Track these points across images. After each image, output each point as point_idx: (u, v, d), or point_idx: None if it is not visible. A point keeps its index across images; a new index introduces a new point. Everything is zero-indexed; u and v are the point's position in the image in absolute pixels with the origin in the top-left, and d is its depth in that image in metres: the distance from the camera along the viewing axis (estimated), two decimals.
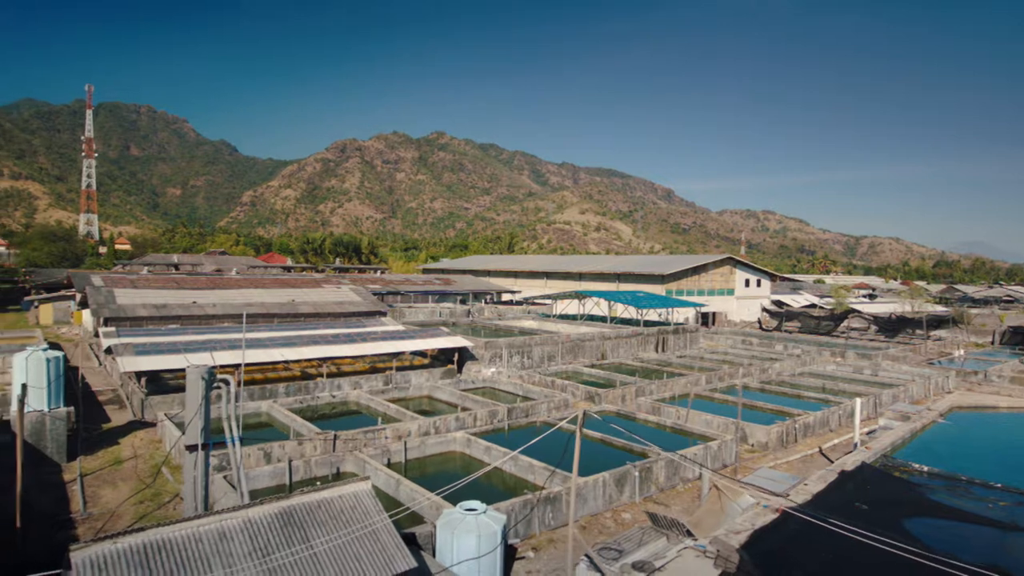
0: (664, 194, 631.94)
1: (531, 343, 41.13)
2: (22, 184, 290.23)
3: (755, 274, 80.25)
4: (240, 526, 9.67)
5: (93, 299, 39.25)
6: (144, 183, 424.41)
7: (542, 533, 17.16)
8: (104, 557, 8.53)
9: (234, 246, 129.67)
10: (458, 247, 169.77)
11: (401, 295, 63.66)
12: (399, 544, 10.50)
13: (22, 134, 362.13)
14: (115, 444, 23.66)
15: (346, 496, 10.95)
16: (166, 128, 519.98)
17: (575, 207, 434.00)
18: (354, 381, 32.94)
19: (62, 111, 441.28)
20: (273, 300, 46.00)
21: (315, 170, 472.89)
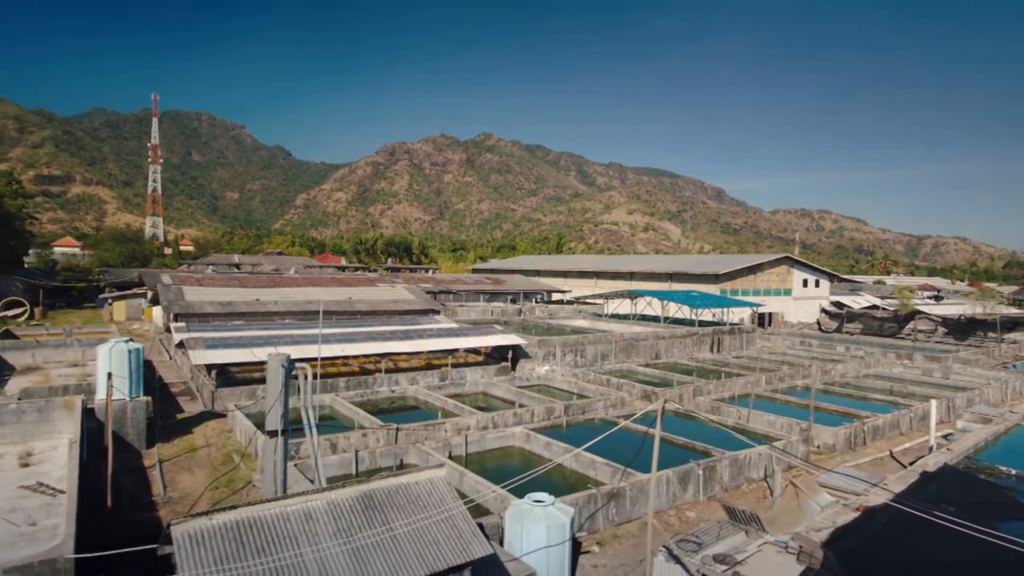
0: (714, 193, 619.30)
1: (584, 342, 40.93)
2: (93, 189, 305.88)
3: (813, 274, 77.79)
4: (324, 507, 9.96)
5: (164, 296, 41.06)
6: (204, 187, 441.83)
7: (606, 529, 17.08)
8: (201, 532, 8.92)
9: (290, 247, 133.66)
10: (506, 248, 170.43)
11: (453, 294, 64.31)
12: (475, 530, 10.61)
13: (93, 142, 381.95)
14: (189, 433, 24.69)
15: (422, 482, 11.14)
16: (225, 134, 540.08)
17: (622, 207, 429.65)
18: (411, 377, 33.44)
19: (129, 119, 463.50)
20: (331, 298, 47.14)
21: (365, 173, 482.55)
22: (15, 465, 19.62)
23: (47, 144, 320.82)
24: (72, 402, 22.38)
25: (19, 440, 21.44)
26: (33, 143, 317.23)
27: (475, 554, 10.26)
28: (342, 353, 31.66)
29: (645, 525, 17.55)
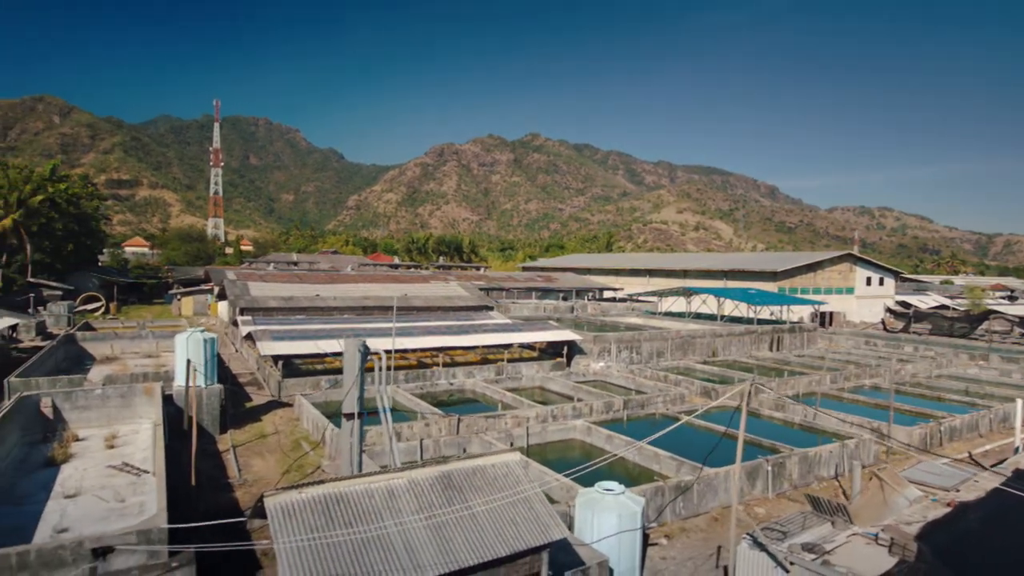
0: (767, 191, 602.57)
1: (640, 338, 40.46)
2: (158, 193, 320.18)
3: (877, 272, 74.75)
4: (406, 486, 10.16)
5: (231, 291, 42.61)
6: (262, 190, 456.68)
7: (674, 522, 16.85)
8: (292, 504, 9.23)
9: (344, 246, 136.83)
10: (554, 247, 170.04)
11: (505, 291, 64.60)
12: (552, 513, 10.64)
13: (158, 148, 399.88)
14: (258, 421, 25.58)
15: (498, 465, 11.23)
16: (280, 138, 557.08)
17: (672, 206, 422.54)
18: (467, 371, 33.78)
19: (191, 125, 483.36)
20: (387, 294, 48.00)
21: (415, 174, 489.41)
22: (101, 447, 20.72)
23: (117, 150, 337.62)
24: (152, 388, 23.48)
25: (104, 424, 22.63)
26: (104, 149, 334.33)
27: (553, 536, 10.28)
28: (402, 346, 32.19)
29: (714, 520, 17.30)
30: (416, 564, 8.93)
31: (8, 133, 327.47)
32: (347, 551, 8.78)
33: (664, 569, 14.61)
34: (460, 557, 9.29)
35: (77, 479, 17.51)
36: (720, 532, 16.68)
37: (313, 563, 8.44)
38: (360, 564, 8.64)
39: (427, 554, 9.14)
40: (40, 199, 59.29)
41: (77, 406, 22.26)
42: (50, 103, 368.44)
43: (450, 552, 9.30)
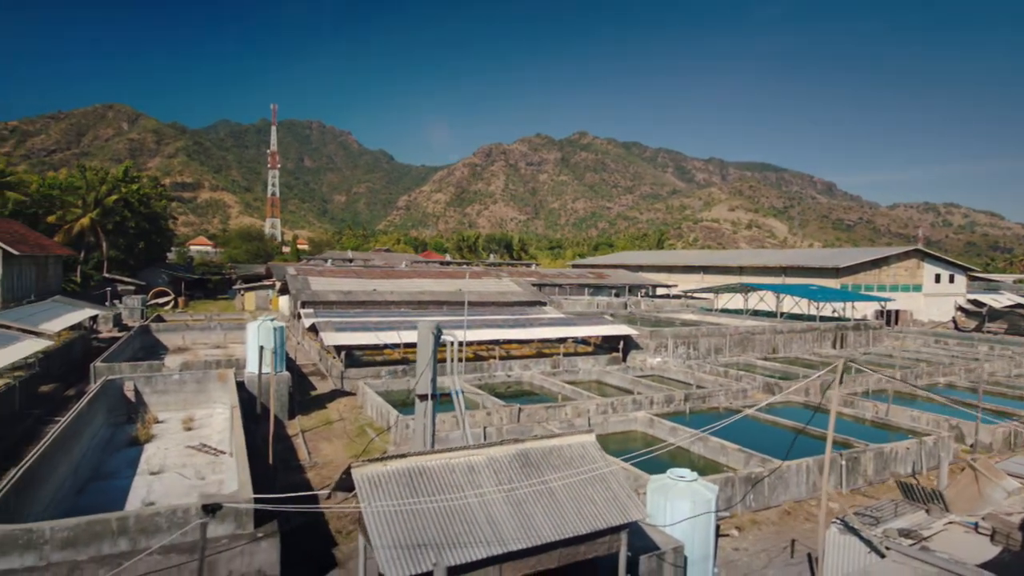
0: (824, 188, 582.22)
1: (697, 334, 39.73)
2: (219, 195, 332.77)
3: (948, 269, 71.26)
4: (485, 462, 10.26)
5: (292, 285, 43.92)
6: (315, 191, 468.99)
7: (744, 514, 16.50)
8: (378, 476, 9.44)
9: (396, 245, 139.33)
10: (604, 245, 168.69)
11: (558, 287, 64.47)
12: (631, 494, 10.56)
13: (219, 151, 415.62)
14: (323, 408, 26.28)
15: (574, 445, 11.22)
16: (333, 141, 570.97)
17: (723, 204, 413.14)
18: (523, 364, 33.86)
19: (249, 129, 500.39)
20: (441, 289, 48.62)
21: (463, 175, 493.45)
22: (180, 429, 21.67)
23: (180, 154, 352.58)
24: (225, 375, 24.41)
25: (181, 407, 23.66)
26: (168, 153, 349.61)
27: (632, 516, 10.21)
28: (462, 338, 32.50)
29: (786, 513, 16.86)
30: (499, 537, 9.01)
31: (82, 139, 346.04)
32: (432, 521, 8.93)
33: (737, 560, 14.33)
34: (541, 533, 9.32)
35: (160, 458, 18.38)
36: (793, 525, 16.25)
37: (401, 531, 8.62)
38: (445, 534, 8.78)
39: (509, 528, 9.21)
40: (115, 199, 62.53)
41: (156, 390, 23.35)
42: (119, 111, 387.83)
43: (531, 527, 9.35)
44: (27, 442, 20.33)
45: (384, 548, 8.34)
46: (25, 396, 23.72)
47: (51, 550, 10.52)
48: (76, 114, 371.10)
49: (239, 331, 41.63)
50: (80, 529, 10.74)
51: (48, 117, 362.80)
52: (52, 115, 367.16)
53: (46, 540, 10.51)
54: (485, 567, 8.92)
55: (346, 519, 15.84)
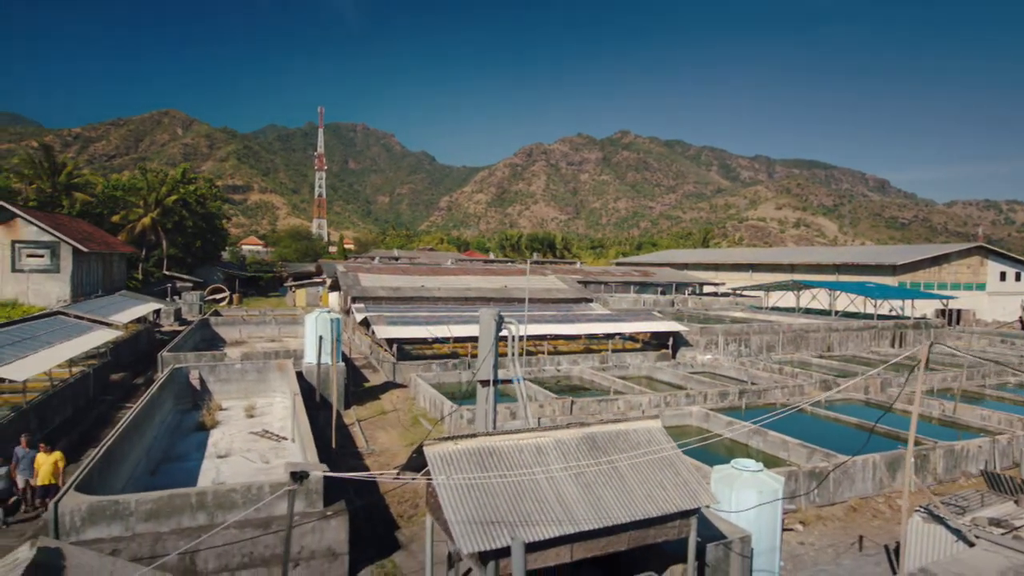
0: (877, 185, 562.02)
1: (749, 331, 38.92)
2: (267, 197, 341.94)
3: (1013, 266, 67.89)
4: (553, 444, 10.28)
5: (343, 281, 44.81)
6: (359, 193, 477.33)
7: (807, 509, 16.09)
8: (449, 454, 9.57)
9: (439, 244, 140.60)
10: (647, 244, 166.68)
11: (604, 284, 64.02)
12: (700, 480, 10.43)
13: (267, 154, 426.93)
14: (377, 399, 26.74)
15: (640, 430, 11.15)
16: (377, 143, 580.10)
17: (770, 202, 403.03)
18: (571, 359, 33.74)
19: (296, 133, 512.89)
20: (488, 285, 48.86)
21: (504, 175, 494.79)
22: (242, 416, 22.35)
23: (231, 158, 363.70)
24: (284, 365, 25.08)
25: (242, 396, 24.41)
26: (220, 157, 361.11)
27: (702, 501, 10.09)
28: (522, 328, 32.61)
29: (852, 509, 16.37)
30: (570, 517, 9.01)
31: (140, 144, 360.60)
32: (504, 499, 9.00)
33: (803, 554, 13.99)
34: (612, 514, 9.29)
35: (226, 442, 19.00)
36: (860, 522, 15.78)
37: (474, 507, 8.71)
38: (517, 512, 8.83)
39: (580, 509, 9.21)
40: (174, 199, 65.03)
41: (220, 379, 24.16)
42: (174, 116, 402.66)
43: (602, 509, 9.32)
44: (101, 426, 21.32)
45: (458, 523, 8.44)
46: (98, 383, 24.85)
47: (136, 521, 11.01)
48: (135, 120, 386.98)
49: (292, 326, 42.75)
50: (162, 502, 11.21)
51: (109, 124, 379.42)
52: (112, 122, 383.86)
53: (131, 512, 11.01)
54: (557, 546, 8.94)
55: (406, 504, 16.09)
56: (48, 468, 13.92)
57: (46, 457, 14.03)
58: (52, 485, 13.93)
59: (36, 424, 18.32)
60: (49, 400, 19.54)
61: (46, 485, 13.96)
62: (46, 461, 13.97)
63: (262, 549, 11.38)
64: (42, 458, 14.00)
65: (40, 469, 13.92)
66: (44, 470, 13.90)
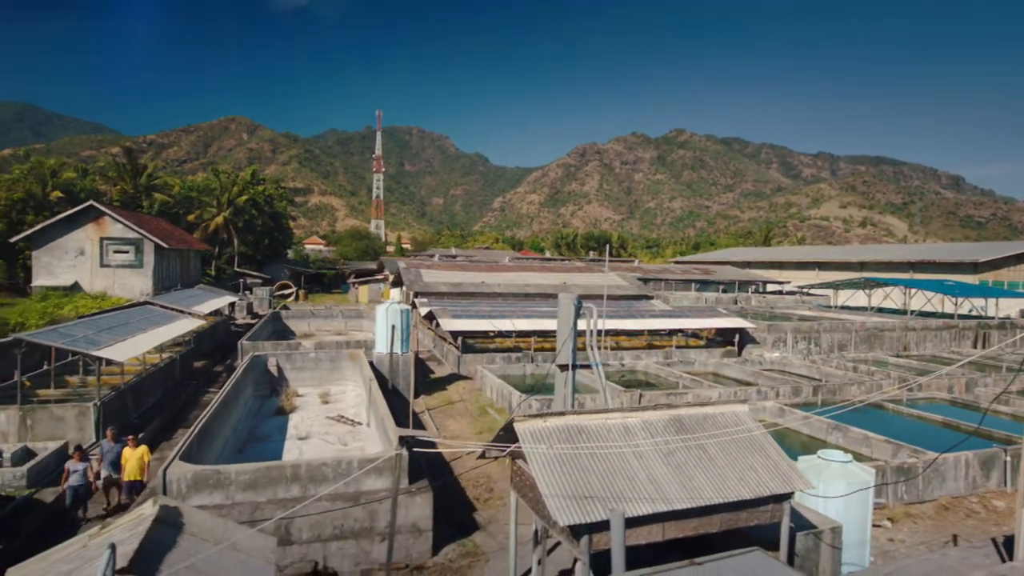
0: (950, 182, 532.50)
1: (819, 328, 37.63)
2: (327, 199, 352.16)
3: None
4: (640, 424, 10.25)
5: (405, 277, 45.73)
6: (414, 194, 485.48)
7: (895, 507, 15.47)
8: (538, 430, 9.67)
9: (494, 244, 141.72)
10: (705, 244, 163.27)
11: (664, 282, 63.11)
12: (792, 464, 10.20)
13: (327, 158, 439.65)
14: (443, 390, 27.18)
15: (727, 414, 10.98)
16: (431, 145, 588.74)
17: (834, 200, 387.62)
18: (633, 355, 33.44)
19: (355, 137, 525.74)
20: (547, 281, 48.93)
21: (557, 175, 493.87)
22: (317, 402, 23.11)
23: (293, 162, 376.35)
24: (356, 354, 25.79)
25: (316, 383, 25.23)
26: (283, 161, 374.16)
27: (796, 486, 9.85)
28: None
29: (942, 508, 15.66)
30: (662, 496, 8.96)
31: (208, 150, 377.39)
32: (595, 475, 9.03)
33: (893, 551, 13.47)
34: (704, 495, 9.18)
35: (305, 426, 19.71)
36: (952, 521, 15.06)
37: (566, 482, 8.78)
38: (609, 489, 8.84)
39: (671, 488, 9.15)
40: (244, 199, 67.86)
41: (296, 366, 25.06)
42: (240, 122, 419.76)
43: (693, 489, 9.23)
44: (189, 408, 22.46)
45: (552, 496, 8.53)
46: (183, 368, 26.17)
47: (235, 491, 11.57)
48: (203, 127, 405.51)
49: (357, 320, 43.89)
50: (259, 473, 11.75)
51: (180, 130, 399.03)
52: (183, 128, 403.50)
53: (231, 481, 11.58)
54: (649, 524, 8.91)
55: (481, 488, 16.32)
56: (135, 463, 13.27)
57: (132, 451, 13.35)
58: (138, 481, 13.38)
59: (132, 403, 19.47)
60: (143, 382, 20.72)
61: (132, 481, 13.31)
62: (132, 456, 13.30)
63: (352, 522, 11.77)
64: (128, 452, 13.33)
65: (127, 464, 13.25)
66: (131, 465, 13.24)
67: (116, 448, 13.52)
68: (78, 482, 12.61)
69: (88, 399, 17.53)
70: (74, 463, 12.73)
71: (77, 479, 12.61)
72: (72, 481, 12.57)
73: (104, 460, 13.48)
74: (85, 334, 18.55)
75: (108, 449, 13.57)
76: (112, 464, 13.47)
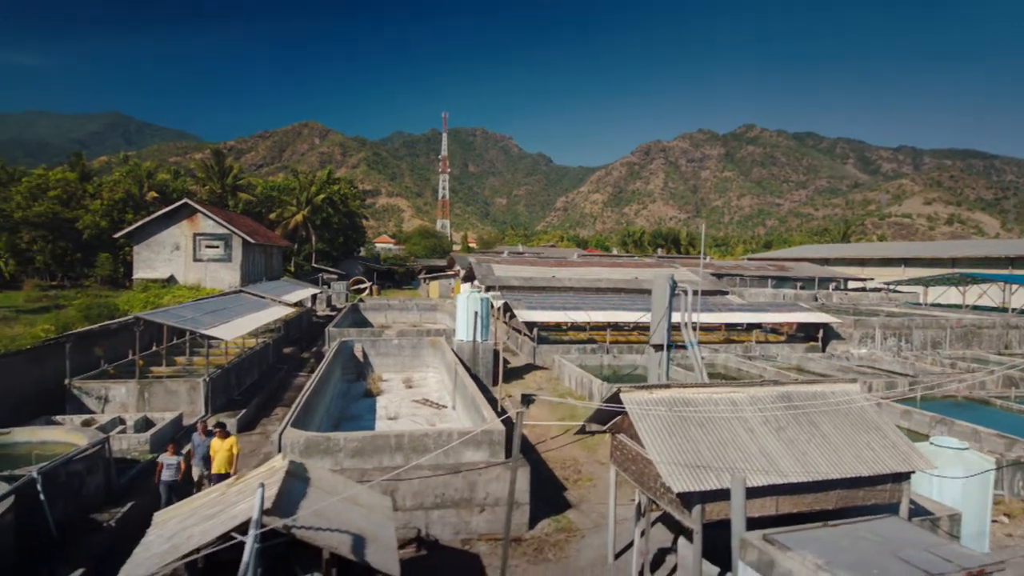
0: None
1: (910, 325, 35.74)
2: (393, 200, 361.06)
3: None
4: (747, 399, 10.09)
5: (478, 271, 46.33)
6: (478, 195, 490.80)
7: (1011, 501, 14.57)
8: (644, 400, 9.67)
9: (559, 241, 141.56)
10: (778, 242, 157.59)
11: (739, 277, 61.40)
12: (910, 444, 9.79)
13: (394, 160, 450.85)
14: (520, 379, 27.39)
15: (838, 392, 10.66)
16: (495, 146, 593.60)
17: (917, 197, 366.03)
18: (711, 349, 32.70)
19: (420, 139, 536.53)
20: (618, 276, 48.52)
21: (620, 174, 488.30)
22: (401, 386, 23.76)
23: (362, 164, 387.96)
24: (437, 341, 26.36)
25: (399, 369, 25.95)
26: (352, 164, 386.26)
27: (917, 466, 9.48)
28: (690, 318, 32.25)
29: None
30: (776, 468, 8.81)
31: (283, 154, 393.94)
32: (705, 445, 8.96)
33: (1012, 546, 12.69)
34: (820, 470, 8.96)
35: (393, 408, 20.31)
36: None
37: (677, 451, 8.76)
38: (720, 459, 8.76)
39: (785, 462, 8.97)
40: (322, 197, 70.57)
41: (380, 352, 25.86)
42: (312, 127, 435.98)
43: (808, 464, 9.02)
44: (283, 389, 23.58)
45: (664, 463, 8.53)
46: (275, 353, 27.48)
47: (344, 457, 12.11)
48: (278, 132, 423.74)
49: (431, 312, 44.84)
50: (366, 441, 12.24)
51: (257, 136, 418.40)
52: (259, 134, 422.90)
53: (340, 448, 12.12)
54: (763, 497, 8.77)
55: (568, 469, 16.42)
56: (224, 455, 12.60)
57: (221, 443, 12.71)
58: (227, 474, 12.40)
59: (235, 382, 20.62)
60: (242, 363, 21.90)
61: (220, 474, 12.50)
62: (221, 447, 12.67)
63: (452, 492, 12.10)
64: (217, 444, 12.73)
65: (216, 456, 12.65)
66: (220, 457, 12.60)
67: (207, 441, 13.00)
68: (171, 478, 12.32)
69: (197, 375, 18.70)
70: (168, 456, 12.44)
71: (170, 474, 12.33)
72: (165, 476, 12.32)
73: (195, 454, 13.08)
74: (192, 315, 19.79)
75: (199, 443, 13.09)
76: (203, 459, 12.99)
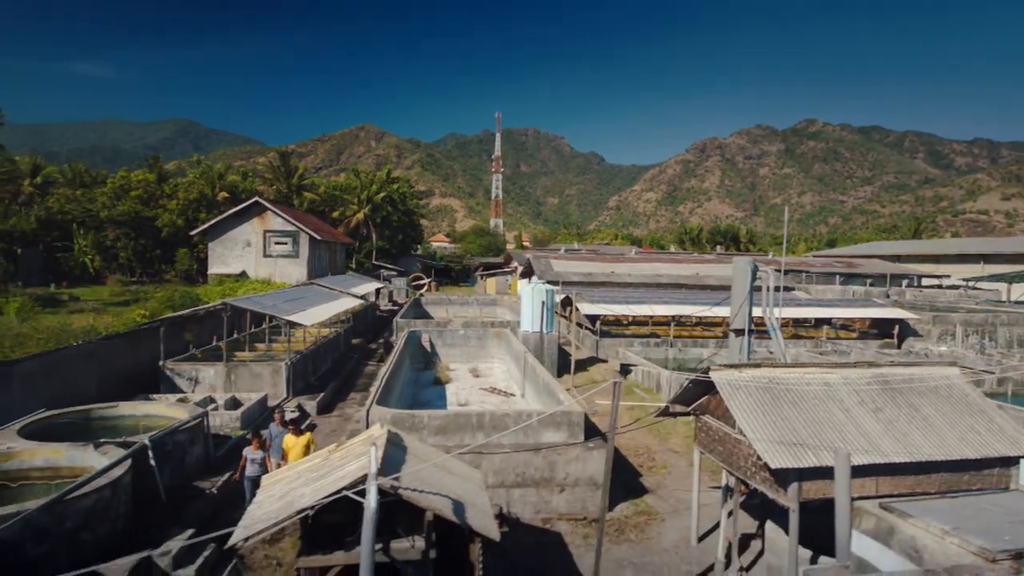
0: None
1: (994, 321, 33.94)
2: (447, 201, 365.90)
3: None
4: (840, 380, 9.88)
5: (536, 267, 46.52)
6: (530, 195, 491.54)
7: None
8: (735, 380, 9.59)
9: (613, 240, 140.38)
10: (842, 239, 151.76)
11: (805, 274, 59.55)
12: (1018, 429, 9.37)
13: (447, 161, 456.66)
14: (584, 371, 27.38)
15: (937, 375, 10.30)
16: (547, 146, 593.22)
17: (994, 192, 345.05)
18: None
19: (472, 140, 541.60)
20: (678, 271, 47.85)
21: (675, 172, 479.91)
22: (468, 376, 24.12)
23: (416, 166, 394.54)
24: (502, 332, 26.64)
25: (465, 360, 26.34)
26: (407, 165, 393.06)
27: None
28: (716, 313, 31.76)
29: None
30: (876, 448, 8.59)
31: (340, 157, 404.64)
32: (800, 423, 8.82)
33: None
34: (923, 451, 8.69)
35: (463, 395, 20.66)
36: None
37: (773, 429, 8.65)
38: (816, 437, 8.61)
39: (885, 442, 8.75)
40: (382, 196, 72.25)
41: (446, 343, 26.33)
42: (368, 130, 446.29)
43: (910, 445, 8.76)
44: (355, 376, 24.31)
45: (760, 440, 8.44)
46: (345, 342, 28.36)
47: (427, 434, 12.44)
48: (336, 136, 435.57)
49: (491, 307, 45.31)
50: (448, 420, 12.55)
51: (316, 140, 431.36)
52: (318, 138, 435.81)
53: (424, 425, 12.46)
54: (863, 476, 8.57)
55: (642, 457, 16.37)
56: (299, 451, 11.50)
57: (295, 440, 11.79)
58: None
59: (311, 367, 21.41)
60: (318, 350, 22.73)
61: None
62: (296, 444, 11.70)
63: (532, 471, 12.27)
64: (291, 440, 11.79)
65: (289, 452, 11.61)
66: (294, 453, 11.49)
67: (283, 432, 12.27)
68: (256, 473, 11.40)
69: (278, 359, 19.52)
70: (252, 451, 11.77)
71: (255, 470, 11.53)
72: (249, 472, 11.61)
73: (272, 445, 12.21)
74: (273, 303, 20.67)
75: (276, 433, 12.38)
76: (278, 450, 12.12)
